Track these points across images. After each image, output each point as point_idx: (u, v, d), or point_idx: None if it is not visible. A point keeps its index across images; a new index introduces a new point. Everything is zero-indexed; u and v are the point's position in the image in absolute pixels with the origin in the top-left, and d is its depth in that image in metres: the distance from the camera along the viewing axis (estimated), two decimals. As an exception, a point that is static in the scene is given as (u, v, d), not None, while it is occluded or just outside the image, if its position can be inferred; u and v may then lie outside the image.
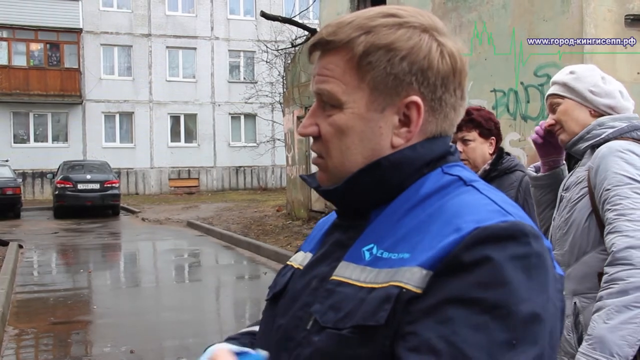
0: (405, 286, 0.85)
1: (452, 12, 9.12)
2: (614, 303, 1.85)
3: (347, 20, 0.99)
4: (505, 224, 0.85)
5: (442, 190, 0.95)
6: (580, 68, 2.27)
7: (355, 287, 0.91)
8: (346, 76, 0.97)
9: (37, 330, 6.74)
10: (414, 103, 0.96)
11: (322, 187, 1.05)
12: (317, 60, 1.02)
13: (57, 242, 13.86)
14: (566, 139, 2.24)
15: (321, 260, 1.03)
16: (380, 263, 0.91)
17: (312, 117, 1.02)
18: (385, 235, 0.94)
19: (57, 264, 11.73)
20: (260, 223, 14.87)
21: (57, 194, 19.18)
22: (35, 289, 8.98)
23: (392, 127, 0.98)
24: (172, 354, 5.98)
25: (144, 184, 28.10)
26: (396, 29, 0.96)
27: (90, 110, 27.39)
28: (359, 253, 0.95)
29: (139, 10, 28.26)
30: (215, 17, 29.47)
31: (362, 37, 0.96)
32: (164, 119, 28.58)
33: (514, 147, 7.98)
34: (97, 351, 6.06)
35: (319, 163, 1.03)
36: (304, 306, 0.98)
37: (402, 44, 0.95)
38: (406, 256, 0.88)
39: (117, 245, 14.16)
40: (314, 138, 1.03)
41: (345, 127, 0.98)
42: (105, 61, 27.88)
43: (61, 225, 17.14)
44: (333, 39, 0.98)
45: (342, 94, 0.98)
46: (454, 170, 0.99)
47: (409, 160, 0.97)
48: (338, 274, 0.96)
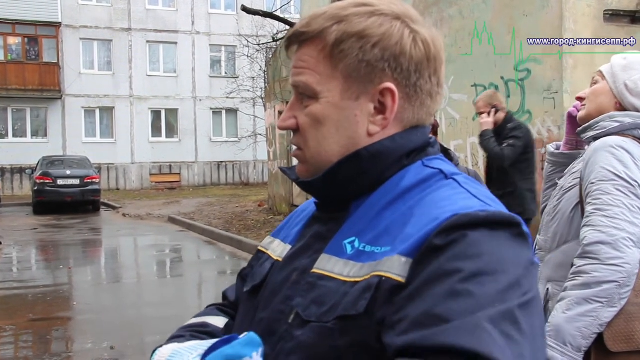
0: (386, 274, 0.85)
1: (433, 7, 9.15)
2: (575, 295, 1.89)
3: (321, 11, 0.99)
4: (484, 212, 0.85)
5: (423, 184, 0.95)
6: (635, 58, 2.20)
7: (338, 281, 0.91)
8: (320, 66, 0.98)
9: (16, 327, 6.66)
10: (388, 90, 0.96)
11: (301, 179, 1.04)
12: (294, 53, 1.02)
13: (36, 238, 13.72)
14: (583, 117, 2.22)
15: (301, 253, 1.02)
16: (363, 257, 0.91)
17: (290, 111, 1.03)
18: (367, 228, 0.94)
19: (37, 260, 11.61)
20: (242, 218, 14.83)
21: (37, 189, 18.95)
22: (14, 286, 8.87)
23: (367, 115, 0.98)
24: (153, 349, 5.95)
25: (125, 179, 27.91)
26: (368, 17, 0.96)
27: (70, 105, 27.12)
28: (341, 246, 0.95)
29: (118, 4, 28.00)
30: (196, 11, 29.30)
31: (334, 26, 0.97)
32: (145, 114, 28.38)
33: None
34: (78, 348, 6.01)
35: (298, 155, 1.04)
36: (285, 300, 0.97)
37: (374, 31, 0.95)
38: (388, 249, 0.88)
39: (97, 241, 14.05)
40: (293, 131, 1.03)
41: (321, 117, 0.98)
42: (84, 55, 27.62)
43: (41, 221, 16.95)
44: (306, 30, 0.99)
45: (316, 84, 0.98)
46: (434, 163, 0.99)
47: (389, 151, 0.97)
48: (319, 267, 0.95)
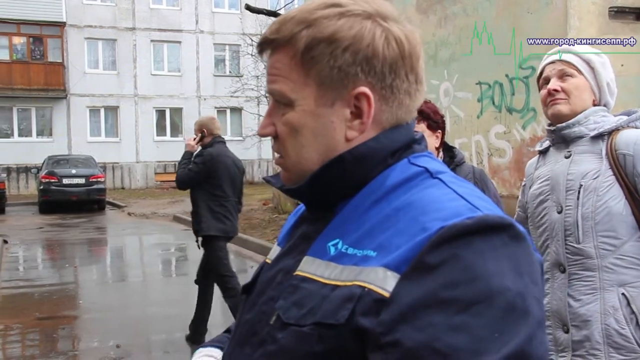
0: (369, 286, 0.83)
1: (437, 5, 9.14)
2: None
3: (290, 15, 0.96)
4: (471, 220, 0.81)
5: (408, 183, 0.93)
6: (605, 57, 2.22)
7: (318, 284, 0.90)
8: (293, 73, 0.95)
9: (22, 325, 6.70)
10: (362, 94, 0.93)
11: (285, 187, 1.03)
12: (268, 58, 1.00)
13: (42, 237, 13.77)
14: (566, 112, 2.17)
15: (287, 254, 1.01)
16: (344, 259, 0.89)
17: (269, 117, 1.00)
18: (350, 229, 0.92)
19: (43, 259, 11.66)
20: (247, 217, 14.84)
21: (42, 188, 19.00)
22: (20, 284, 8.92)
23: (344, 121, 0.95)
24: (159, 348, 5.98)
25: (130, 178, 27.95)
26: (337, 19, 0.93)
27: (75, 104, 27.18)
28: (324, 247, 0.93)
29: (122, 3, 28.04)
30: (200, 10, 29.31)
31: (303, 31, 0.94)
32: (149, 113, 28.42)
33: (500, 139, 8.03)
34: (84, 346, 6.04)
35: (280, 163, 1.02)
36: (269, 300, 0.96)
37: (344, 34, 0.92)
38: (371, 254, 0.86)
39: (103, 239, 14.09)
40: (273, 138, 1.01)
41: (298, 125, 0.96)
42: (89, 55, 27.66)
43: (46, 220, 17.01)
44: (276, 37, 0.96)
45: (290, 92, 0.95)
46: (420, 160, 0.97)
47: (373, 151, 0.95)
48: (302, 269, 0.94)
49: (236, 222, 5.81)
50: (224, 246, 5.75)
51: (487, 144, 8.25)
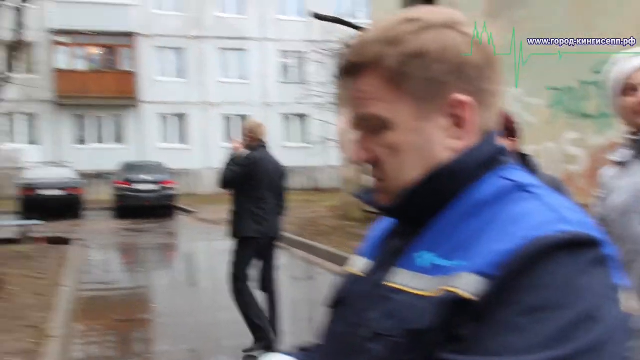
0: (457, 291, 0.85)
1: (504, 10, 9.01)
2: None
3: (370, 36, 0.97)
4: (563, 234, 0.83)
5: (498, 197, 0.93)
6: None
7: (410, 295, 0.91)
8: (385, 93, 0.95)
9: (102, 327, 6.98)
10: (458, 101, 0.94)
11: (382, 205, 1.04)
12: (350, 83, 0.99)
13: (117, 242, 14.26)
14: None
15: (378, 267, 1.03)
16: (434, 270, 0.91)
17: (362, 143, 1.01)
18: (441, 242, 0.93)
19: (118, 263, 12.08)
20: (314, 224, 14.90)
21: (116, 194, 19.68)
22: (98, 287, 9.29)
23: (443, 131, 0.96)
24: (230, 352, 6.09)
25: (199, 184, 28.49)
26: (420, 33, 0.94)
27: (146, 111, 28.03)
28: (415, 260, 0.95)
29: (189, 12, 28.73)
30: (265, 18, 29.71)
31: (389, 50, 0.94)
32: (217, 120, 28.99)
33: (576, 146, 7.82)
34: (158, 349, 6.24)
35: (379, 187, 1.03)
36: (360, 313, 0.98)
37: (431, 46, 0.93)
38: (461, 264, 0.87)
39: (174, 245, 14.47)
40: (370, 164, 1.01)
41: (399, 144, 0.96)
42: (158, 63, 28.46)
43: (121, 224, 17.58)
44: (360, 60, 0.97)
45: (385, 112, 0.96)
46: (509, 174, 0.97)
47: (464, 166, 0.96)
48: (393, 280, 0.96)
49: (277, 223, 5.89)
50: (252, 253, 5.80)
51: (560, 150, 8.06)
